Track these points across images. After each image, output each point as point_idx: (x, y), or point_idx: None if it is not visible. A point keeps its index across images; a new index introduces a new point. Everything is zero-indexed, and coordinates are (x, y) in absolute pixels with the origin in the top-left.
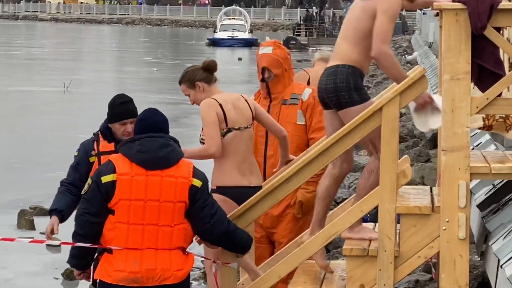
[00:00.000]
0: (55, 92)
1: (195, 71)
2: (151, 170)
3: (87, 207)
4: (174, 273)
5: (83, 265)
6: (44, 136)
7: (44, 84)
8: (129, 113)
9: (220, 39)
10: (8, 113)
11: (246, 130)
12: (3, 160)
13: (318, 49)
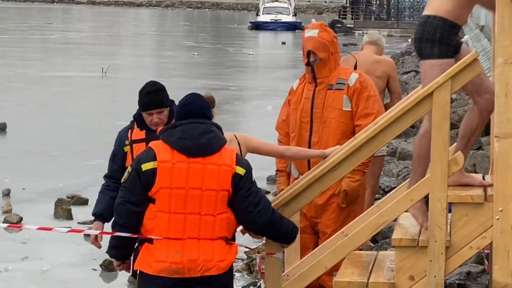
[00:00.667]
0: (92, 78)
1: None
2: (193, 157)
3: (127, 195)
4: (216, 263)
5: (123, 255)
6: (81, 123)
7: (81, 69)
8: (155, 104)
9: (263, 22)
10: (44, 99)
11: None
12: (40, 148)
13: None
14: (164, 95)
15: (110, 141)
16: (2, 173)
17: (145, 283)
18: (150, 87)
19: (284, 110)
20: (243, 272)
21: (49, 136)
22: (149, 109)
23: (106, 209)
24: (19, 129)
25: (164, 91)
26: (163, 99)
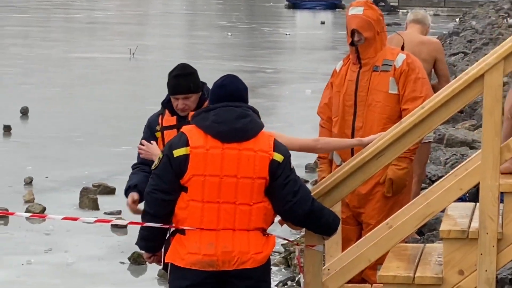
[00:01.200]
0: (119, 59)
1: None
2: (228, 143)
3: (157, 183)
4: (252, 256)
5: (153, 247)
6: (107, 107)
7: (108, 50)
8: (181, 89)
9: (301, 0)
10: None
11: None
12: (64, 134)
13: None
14: (192, 80)
15: (138, 127)
16: (24, 160)
17: (177, 276)
18: (179, 70)
19: (326, 93)
20: (280, 266)
21: (73, 121)
22: (174, 94)
23: (141, 182)
24: (41, 113)
25: (193, 75)
26: (191, 84)
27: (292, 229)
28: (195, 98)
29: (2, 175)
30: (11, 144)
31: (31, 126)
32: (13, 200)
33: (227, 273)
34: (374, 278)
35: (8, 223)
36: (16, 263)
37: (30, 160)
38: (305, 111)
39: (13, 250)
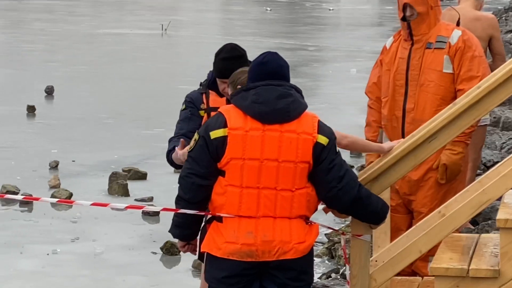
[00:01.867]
0: (151, 35)
1: (240, 73)
2: (269, 124)
3: (193, 167)
4: (294, 246)
5: (188, 235)
6: (138, 86)
7: (138, 26)
8: (229, 73)
9: None
10: (97, 59)
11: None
12: (92, 115)
13: None
14: (241, 63)
15: (170, 107)
16: (49, 143)
17: (213, 267)
18: (227, 52)
19: (375, 71)
20: (323, 257)
21: (101, 102)
22: (222, 77)
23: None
24: (67, 93)
25: (242, 58)
26: (239, 67)
27: (337, 217)
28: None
29: (26, 159)
30: (35, 125)
31: (56, 107)
32: (37, 185)
33: (267, 264)
34: (425, 270)
35: (32, 210)
36: (41, 253)
37: (56, 142)
38: (350, 91)
39: (38, 238)
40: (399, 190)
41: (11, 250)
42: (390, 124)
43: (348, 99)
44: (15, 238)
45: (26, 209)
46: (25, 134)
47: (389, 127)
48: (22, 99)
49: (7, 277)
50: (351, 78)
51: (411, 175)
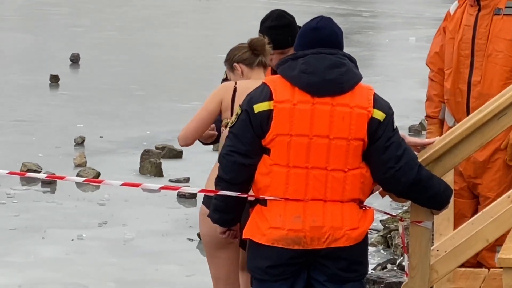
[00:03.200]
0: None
1: (237, 50)
2: (319, 97)
3: (235, 144)
4: (346, 232)
5: (229, 220)
6: (174, 55)
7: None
8: (276, 44)
9: None
10: (128, 25)
11: None
12: (121, 86)
13: None
14: (290, 32)
15: (209, 78)
16: (75, 116)
17: (256, 255)
18: (273, 20)
19: (438, 40)
20: (378, 246)
21: (132, 71)
22: (273, 48)
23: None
24: (95, 61)
25: (290, 27)
26: (288, 37)
27: (395, 201)
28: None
29: (48, 134)
30: (59, 97)
31: (82, 77)
32: (61, 163)
33: (316, 252)
34: (492, 261)
35: (56, 190)
36: (65, 238)
37: (82, 116)
38: (408, 62)
39: (62, 223)
40: (463, 173)
41: (32, 235)
42: (453, 98)
43: (406, 71)
44: (36, 221)
45: (48, 189)
46: (48, 106)
47: (452, 102)
48: (45, 68)
49: (28, 265)
50: (409, 47)
51: (477, 155)
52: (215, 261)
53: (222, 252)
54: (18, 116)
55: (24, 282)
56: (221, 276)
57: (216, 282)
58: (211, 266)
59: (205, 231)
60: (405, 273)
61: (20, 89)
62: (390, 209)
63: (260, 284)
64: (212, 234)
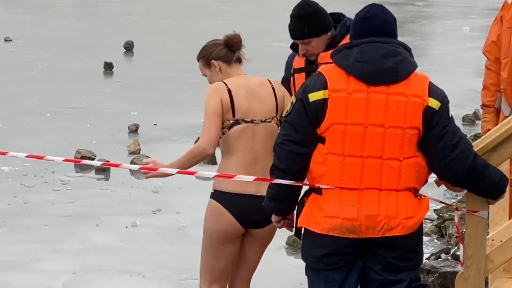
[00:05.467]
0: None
1: (213, 46)
2: (374, 86)
3: (290, 133)
4: (401, 221)
5: (284, 209)
6: None
7: None
8: (294, 34)
9: None
10: (180, 12)
11: (264, 124)
12: (175, 74)
13: None
14: (307, 23)
15: (261, 66)
16: (128, 104)
17: (311, 244)
18: (294, 10)
19: (495, 28)
20: (432, 236)
21: (186, 59)
22: (292, 38)
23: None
24: (148, 49)
25: (309, 17)
26: (305, 28)
27: (450, 190)
28: (316, 42)
29: (102, 122)
30: (113, 85)
31: (136, 64)
32: (115, 151)
33: (371, 241)
34: None
35: (110, 178)
36: (119, 226)
37: (135, 104)
38: (462, 51)
39: (116, 210)
40: None
41: (86, 222)
42: (510, 88)
43: (460, 60)
44: (90, 208)
45: (102, 177)
46: (102, 94)
47: (508, 91)
48: (98, 56)
49: (82, 251)
50: (463, 37)
51: None
52: (217, 253)
53: (227, 247)
54: (72, 103)
55: (78, 268)
56: (219, 268)
57: (211, 273)
58: (210, 257)
59: (216, 227)
60: (460, 262)
61: (74, 77)
62: (444, 199)
63: (315, 272)
64: (223, 230)
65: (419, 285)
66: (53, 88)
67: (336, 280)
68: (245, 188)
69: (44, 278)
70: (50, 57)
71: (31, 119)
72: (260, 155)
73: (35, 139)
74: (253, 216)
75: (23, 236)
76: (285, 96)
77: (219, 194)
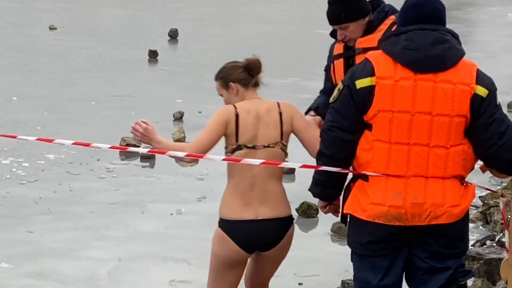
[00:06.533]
0: None
1: (233, 69)
2: (421, 73)
3: (337, 119)
4: (448, 209)
5: (330, 195)
6: (271, 30)
7: None
8: (330, 19)
9: None
10: (226, 1)
11: (266, 149)
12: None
13: None
14: (343, 8)
15: (308, 54)
16: (173, 92)
17: (357, 230)
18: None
19: None
20: (477, 223)
21: (231, 47)
22: (330, 23)
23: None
24: (193, 37)
25: (345, 2)
26: (341, 13)
27: (497, 177)
28: (354, 27)
29: (147, 109)
30: (157, 72)
31: (181, 52)
32: None
33: (417, 229)
34: None
35: (155, 165)
36: (165, 213)
37: (180, 91)
38: (507, 38)
39: (161, 197)
40: None
41: (131, 209)
42: None
43: (505, 47)
44: (135, 196)
45: (147, 164)
46: (147, 81)
47: None
48: (143, 43)
49: (127, 239)
50: (508, 23)
51: None
52: (221, 277)
53: (231, 272)
54: (117, 91)
55: (124, 256)
56: None
57: None
58: (215, 279)
59: (222, 253)
60: (506, 249)
61: (119, 64)
62: (489, 185)
63: (360, 259)
64: (228, 256)
65: (463, 272)
66: (99, 76)
67: (382, 267)
68: (243, 214)
69: (89, 265)
70: (95, 45)
71: (76, 107)
72: (259, 180)
73: (81, 127)
74: (256, 240)
75: (69, 223)
76: (293, 116)
77: (223, 222)
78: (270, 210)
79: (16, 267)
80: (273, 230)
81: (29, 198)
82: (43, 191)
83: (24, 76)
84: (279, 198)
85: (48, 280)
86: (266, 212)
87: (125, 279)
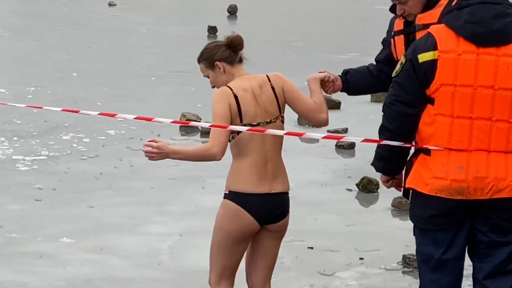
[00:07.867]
0: None
1: (216, 48)
2: (484, 47)
3: (399, 93)
4: (510, 183)
5: (392, 169)
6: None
7: None
8: None
9: None
10: None
11: (270, 125)
12: (279, 38)
13: None
14: None
15: (365, 30)
16: None
17: (419, 204)
18: None
19: None
20: None
21: (290, 23)
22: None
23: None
24: (252, 13)
25: None
26: None
27: None
28: (414, 2)
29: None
30: None
31: (240, 28)
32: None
33: (479, 203)
34: None
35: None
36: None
37: None
38: None
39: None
40: None
41: (192, 184)
42: None
43: None
44: (196, 171)
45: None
46: None
47: None
48: (202, 19)
49: (188, 213)
50: None
51: None
52: (230, 252)
53: (241, 245)
54: (177, 67)
55: (184, 230)
56: (231, 265)
57: (222, 271)
58: (223, 256)
59: (235, 227)
60: None
61: (179, 40)
62: None
63: (423, 233)
64: (243, 229)
65: None
66: (158, 52)
67: (444, 241)
68: (258, 188)
69: (150, 240)
70: (154, 21)
71: (136, 83)
72: (270, 156)
73: (140, 103)
74: (270, 212)
75: (130, 199)
76: (284, 88)
77: (235, 194)
78: (281, 185)
79: (77, 242)
80: (283, 202)
81: (89, 174)
82: (103, 167)
83: (84, 52)
84: (285, 173)
85: (109, 255)
86: (279, 186)
87: (185, 254)
